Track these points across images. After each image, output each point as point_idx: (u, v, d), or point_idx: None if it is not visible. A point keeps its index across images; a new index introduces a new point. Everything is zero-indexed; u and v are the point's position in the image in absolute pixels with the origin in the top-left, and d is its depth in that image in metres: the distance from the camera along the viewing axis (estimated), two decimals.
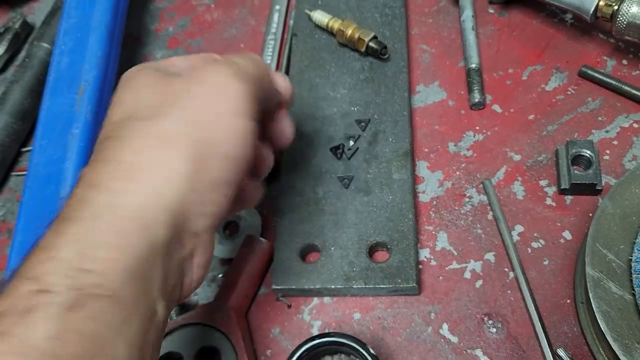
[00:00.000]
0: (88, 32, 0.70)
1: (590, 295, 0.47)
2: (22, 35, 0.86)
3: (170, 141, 0.37)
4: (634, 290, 0.46)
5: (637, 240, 0.48)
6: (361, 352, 0.48)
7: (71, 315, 0.31)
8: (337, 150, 0.61)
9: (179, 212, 0.36)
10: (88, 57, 0.68)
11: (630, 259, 0.47)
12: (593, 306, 0.47)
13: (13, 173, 0.73)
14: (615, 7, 0.60)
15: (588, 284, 0.48)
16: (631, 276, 0.46)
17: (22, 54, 0.79)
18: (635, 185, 0.51)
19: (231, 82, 0.40)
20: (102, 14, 0.71)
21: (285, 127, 0.51)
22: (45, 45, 0.77)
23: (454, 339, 0.53)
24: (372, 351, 0.48)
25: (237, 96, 0.40)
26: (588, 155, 0.57)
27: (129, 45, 0.81)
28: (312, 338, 0.50)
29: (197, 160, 0.37)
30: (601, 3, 0.61)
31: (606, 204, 0.51)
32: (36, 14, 0.89)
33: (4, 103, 0.73)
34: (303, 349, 0.49)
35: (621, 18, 0.59)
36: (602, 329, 0.46)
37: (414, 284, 0.54)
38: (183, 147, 0.37)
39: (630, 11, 0.58)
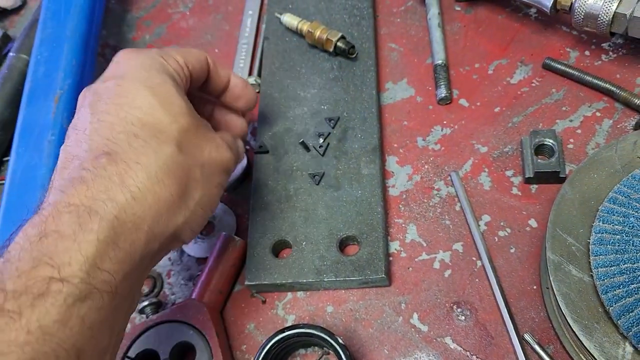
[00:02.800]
0: (63, 41, 0.71)
1: (551, 278, 0.48)
2: (3, 49, 0.87)
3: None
4: (592, 272, 0.47)
5: (595, 223, 0.49)
6: (330, 342, 0.49)
7: (78, 305, 0.35)
8: (306, 146, 0.62)
9: (175, 233, 0.43)
10: (63, 65, 0.70)
11: (589, 242, 0.48)
12: (554, 289, 0.48)
13: None
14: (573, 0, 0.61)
15: (549, 267, 0.49)
16: (589, 259, 0.48)
17: (2, 66, 0.80)
18: (594, 170, 0.52)
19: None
20: (77, 24, 0.73)
21: (236, 87, 0.55)
22: (24, 56, 0.78)
23: (424, 328, 0.54)
24: (340, 341, 0.49)
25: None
26: (550, 144, 0.58)
27: (107, 54, 0.83)
28: (282, 330, 0.51)
29: (182, 190, 0.43)
30: None
31: (566, 189, 0.52)
32: (17, 27, 0.91)
33: None
34: (273, 341, 0.50)
35: (579, 9, 0.60)
36: (563, 310, 0.47)
37: (384, 275, 0.55)
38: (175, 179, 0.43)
39: (587, 2, 0.60)
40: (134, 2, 0.87)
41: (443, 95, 0.66)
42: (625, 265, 0.46)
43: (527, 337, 0.52)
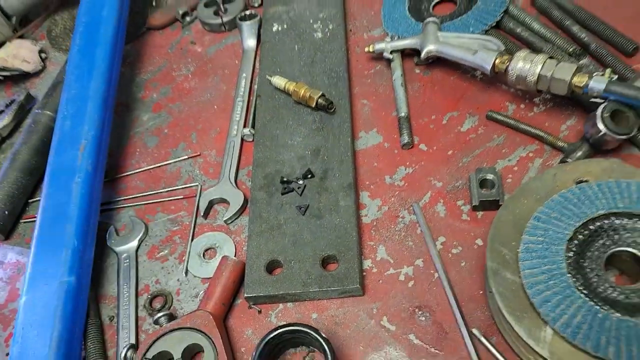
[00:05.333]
0: (86, 100, 0.85)
1: (491, 282, 0.61)
2: (26, 106, 1.01)
3: None
4: (520, 274, 0.60)
5: (523, 237, 0.62)
6: (314, 336, 0.61)
7: None
8: (288, 185, 0.76)
9: None
10: (87, 120, 0.83)
11: (519, 251, 0.61)
12: (493, 290, 0.60)
13: (22, 220, 0.86)
14: (507, 64, 0.76)
15: (489, 274, 0.61)
16: (519, 264, 0.60)
17: (28, 120, 0.93)
18: (524, 197, 0.66)
19: None
20: (98, 86, 0.86)
21: None
22: (48, 112, 0.92)
23: (392, 328, 0.66)
24: (323, 335, 0.61)
25: None
26: (492, 179, 0.72)
27: (120, 111, 0.96)
28: (275, 329, 0.62)
29: None
30: (497, 61, 0.77)
31: (501, 212, 0.65)
32: (37, 88, 1.05)
33: (14, 161, 0.86)
34: (268, 338, 0.61)
35: (511, 72, 0.76)
36: (500, 306, 0.59)
37: (358, 286, 0.67)
38: None
39: (517, 66, 0.75)
40: (142, 66, 1.01)
41: (406, 141, 0.80)
42: (546, 267, 0.59)
43: (474, 331, 0.63)
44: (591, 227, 0.61)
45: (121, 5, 0.94)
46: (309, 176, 0.77)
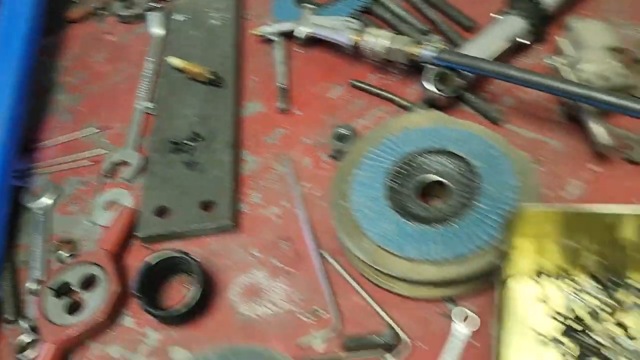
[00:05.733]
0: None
1: (331, 211, 0.75)
2: None
3: None
4: (351, 201, 0.74)
5: (354, 171, 0.76)
6: (187, 259, 0.74)
7: None
8: (178, 146, 0.89)
9: None
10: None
11: (350, 184, 0.75)
12: (333, 217, 0.74)
13: None
14: (361, 40, 0.91)
15: (330, 204, 0.75)
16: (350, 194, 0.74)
17: None
18: (363, 143, 0.80)
19: None
20: (12, 74, 0.98)
21: None
22: None
23: (261, 256, 0.79)
24: (195, 258, 0.74)
25: None
26: (347, 133, 0.86)
27: (40, 94, 1.07)
28: (152, 256, 0.74)
29: None
30: (354, 37, 0.92)
31: (346, 156, 0.79)
32: None
33: None
34: (147, 265, 0.74)
35: (363, 46, 0.90)
36: (337, 228, 0.73)
37: (231, 222, 0.80)
38: None
39: (369, 42, 0.90)
40: (61, 55, 1.13)
41: (282, 107, 0.93)
42: (369, 194, 0.73)
43: (323, 253, 0.77)
44: (408, 162, 0.75)
45: (37, 2, 1.06)
46: (197, 138, 0.90)
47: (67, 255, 0.80)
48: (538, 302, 0.67)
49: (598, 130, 0.76)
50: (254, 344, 0.72)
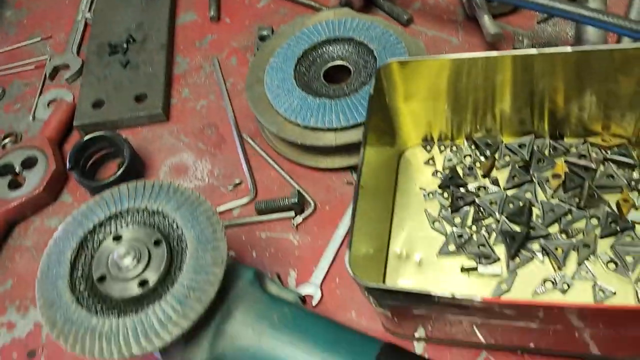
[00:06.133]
0: None
1: (247, 94, 0.83)
2: None
3: None
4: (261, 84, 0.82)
5: (269, 59, 0.84)
6: (114, 136, 0.82)
7: None
8: (114, 48, 0.96)
9: None
10: None
11: (266, 69, 0.83)
12: (249, 96, 0.82)
13: None
14: None
15: (246, 88, 0.84)
16: (265, 78, 0.83)
17: None
18: (280, 37, 0.88)
19: None
20: None
21: None
22: None
23: (188, 140, 0.88)
24: (122, 136, 0.82)
25: None
26: (269, 34, 0.94)
27: None
28: (82, 138, 0.82)
29: None
30: None
31: (263, 49, 0.87)
32: None
33: None
34: (79, 145, 0.82)
35: None
36: (253, 110, 0.81)
37: (161, 111, 0.88)
38: None
39: None
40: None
41: (212, 15, 1.01)
42: (280, 77, 0.81)
43: (244, 135, 0.86)
44: (316, 49, 0.84)
45: None
46: (132, 41, 0.97)
47: (9, 141, 0.87)
48: (425, 165, 0.76)
49: (488, 22, 0.85)
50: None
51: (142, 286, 0.56)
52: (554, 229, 0.66)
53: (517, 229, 0.67)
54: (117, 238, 0.59)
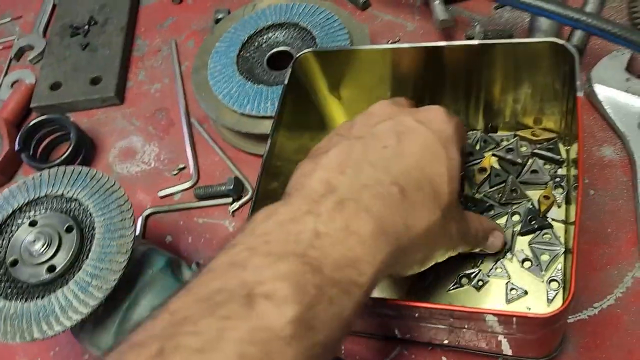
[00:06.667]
0: None
1: (193, 78, 0.83)
2: None
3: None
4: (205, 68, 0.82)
5: (215, 44, 0.84)
6: (62, 118, 0.83)
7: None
8: (76, 30, 0.97)
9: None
10: None
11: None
12: (193, 80, 0.83)
13: None
14: None
15: (192, 71, 0.84)
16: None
17: None
18: (230, 21, 0.88)
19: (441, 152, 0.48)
20: None
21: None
22: None
23: (139, 123, 0.89)
24: (70, 119, 0.83)
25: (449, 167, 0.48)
26: (225, 16, 0.94)
27: None
28: (30, 122, 0.84)
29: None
30: None
31: (208, 37, 0.87)
32: None
33: None
34: (28, 126, 0.84)
35: None
36: (193, 90, 0.82)
37: (114, 95, 0.90)
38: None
39: None
40: None
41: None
42: (222, 62, 0.81)
43: (192, 120, 0.87)
44: (260, 34, 0.83)
45: None
46: (93, 23, 0.98)
47: None
48: None
49: (438, 8, 0.83)
50: None
51: (50, 272, 0.58)
52: None
53: None
54: (33, 224, 0.61)
